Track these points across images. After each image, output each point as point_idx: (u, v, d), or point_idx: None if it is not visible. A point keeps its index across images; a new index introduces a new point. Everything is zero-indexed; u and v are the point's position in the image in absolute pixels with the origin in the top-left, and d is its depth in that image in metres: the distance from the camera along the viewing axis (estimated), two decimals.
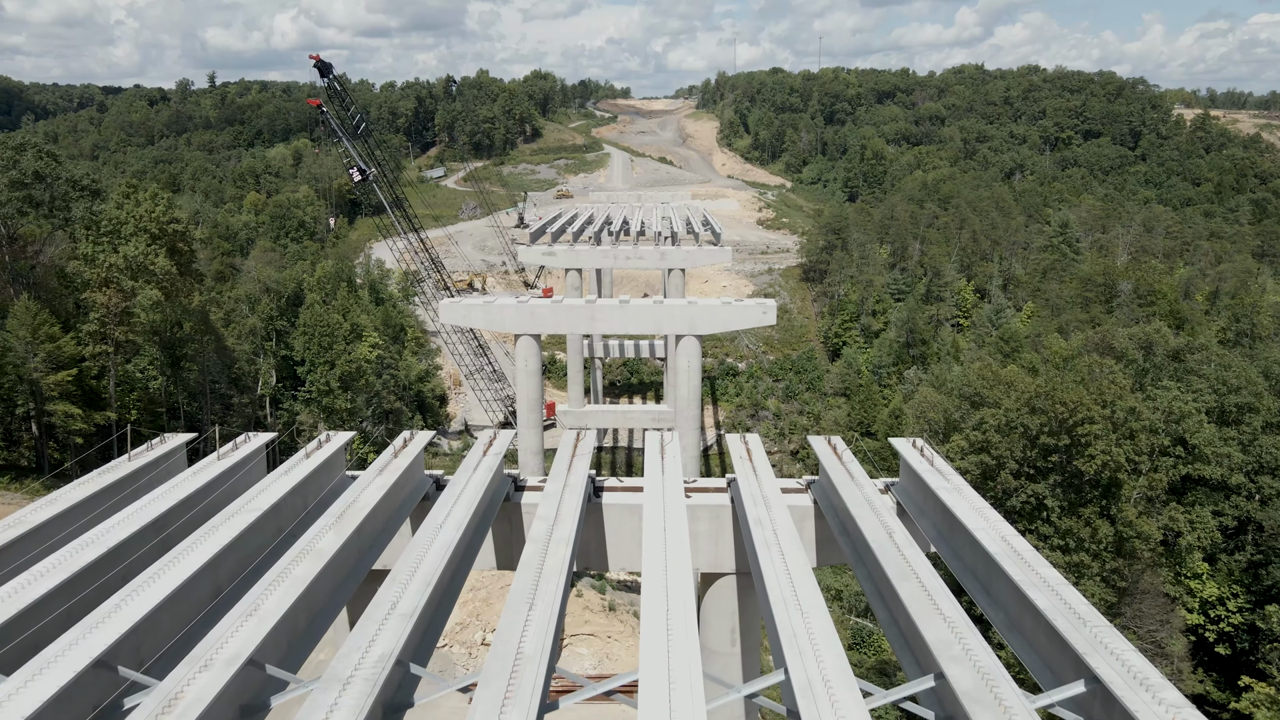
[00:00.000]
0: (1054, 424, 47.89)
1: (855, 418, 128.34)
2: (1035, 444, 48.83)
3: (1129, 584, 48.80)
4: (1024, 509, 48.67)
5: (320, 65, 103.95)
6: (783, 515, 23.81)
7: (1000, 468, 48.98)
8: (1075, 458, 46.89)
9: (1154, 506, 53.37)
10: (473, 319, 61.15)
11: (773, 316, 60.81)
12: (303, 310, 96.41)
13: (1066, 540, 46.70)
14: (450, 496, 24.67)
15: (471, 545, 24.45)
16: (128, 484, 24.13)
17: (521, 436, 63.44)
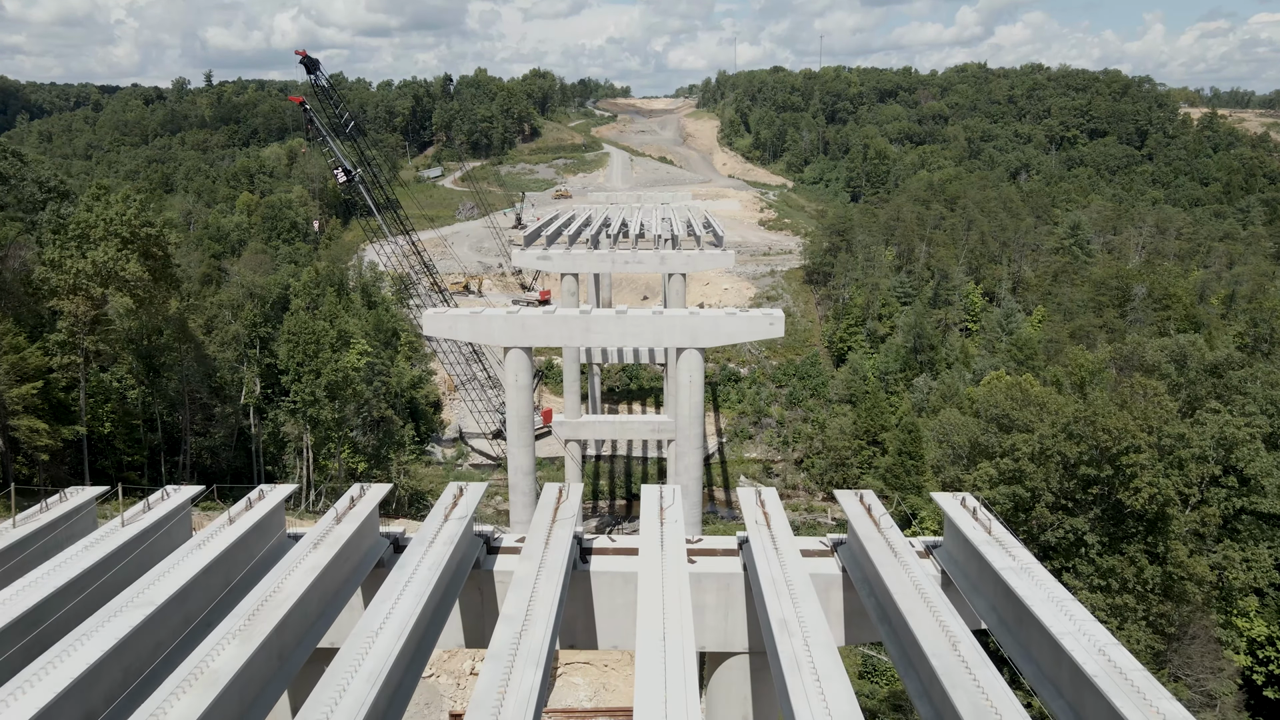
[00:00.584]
0: (1095, 453, 43.78)
1: (861, 426, 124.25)
2: (1074, 474, 44.73)
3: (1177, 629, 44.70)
4: (1060, 544, 44.48)
5: (306, 61, 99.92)
6: (804, 586, 19.85)
7: (1035, 500, 44.82)
8: (1119, 490, 42.80)
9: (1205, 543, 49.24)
10: (459, 331, 57.08)
11: (781, 328, 56.75)
12: (287, 317, 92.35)
13: (1108, 580, 42.57)
14: (409, 563, 20.71)
15: (434, 621, 20.48)
16: (8, 557, 20.04)
17: (511, 455, 59.39)
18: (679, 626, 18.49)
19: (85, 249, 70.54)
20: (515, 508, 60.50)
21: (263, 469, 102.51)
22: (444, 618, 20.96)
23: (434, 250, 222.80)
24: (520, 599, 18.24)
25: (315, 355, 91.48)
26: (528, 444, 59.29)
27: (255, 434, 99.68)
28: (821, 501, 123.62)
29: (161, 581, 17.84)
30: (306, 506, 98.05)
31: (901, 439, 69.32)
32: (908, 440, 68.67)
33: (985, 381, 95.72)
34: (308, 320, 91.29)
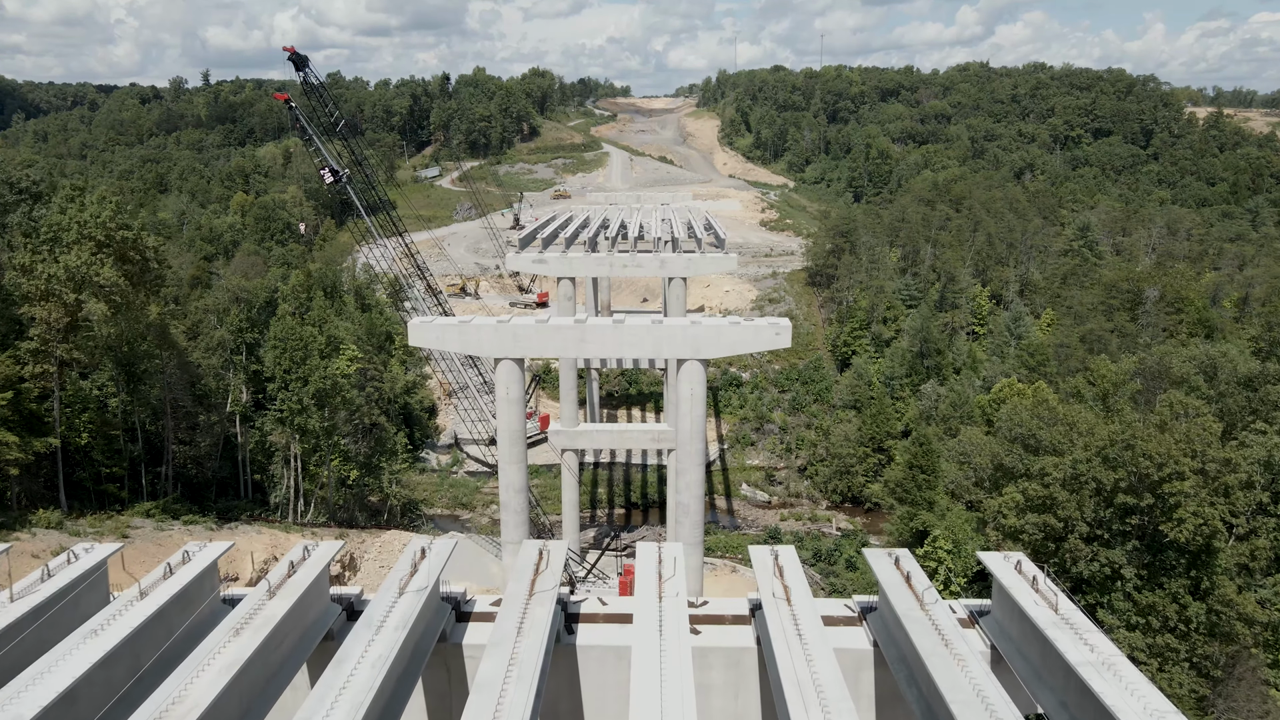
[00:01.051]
0: (1134, 480, 40.42)
1: (866, 433, 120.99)
2: (1110, 502, 41.40)
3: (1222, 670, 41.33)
4: (1094, 578, 41.12)
5: (295, 58, 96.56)
6: (828, 665, 16.65)
7: (1069, 531, 41.47)
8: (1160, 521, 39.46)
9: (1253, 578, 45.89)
10: (446, 341, 53.78)
11: (787, 338, 53.44)
12: (273, 322, 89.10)
13: (1147, 618, 39.25)
14: (364, 634, 17.53)
15: (392, 704, 17.30)
16: None
17: (503, 472, 56.11)
18: (681, 712, 15.29)
19: (58, 253, 67.30)
20: (507, 527, 57.23)
21: (250, 478, 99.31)
22: (404, 699, 17.76)
23: (430, 252, 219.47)
24: (499, 659, 15.00)
25: (303, 362, 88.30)
26: (520, 460, 56.00)
27: (242, 443, 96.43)
28: (826, 510, 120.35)
29: (43, 681, 14.48)
30: (295, 518, 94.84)
31: (912, 451, 66.15)
32: (919, 453, 65.50)
33: (996, 389, 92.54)
34: (295, 326, 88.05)
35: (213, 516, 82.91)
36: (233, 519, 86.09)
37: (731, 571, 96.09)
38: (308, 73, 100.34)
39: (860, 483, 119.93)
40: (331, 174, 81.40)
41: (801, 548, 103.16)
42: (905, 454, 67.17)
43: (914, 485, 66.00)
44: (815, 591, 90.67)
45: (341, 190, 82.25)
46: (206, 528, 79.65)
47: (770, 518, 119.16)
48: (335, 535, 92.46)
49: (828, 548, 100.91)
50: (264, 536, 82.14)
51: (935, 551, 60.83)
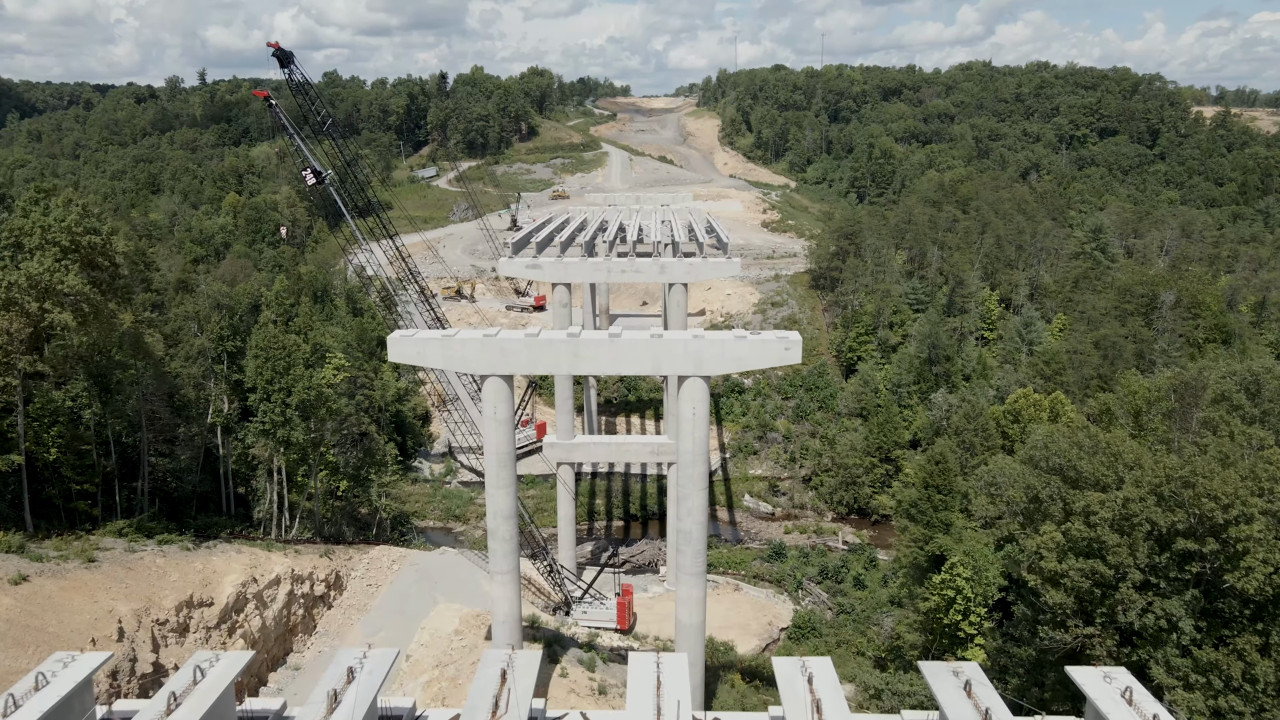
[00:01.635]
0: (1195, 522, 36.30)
1: (874, 442, 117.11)
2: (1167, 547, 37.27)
3: None
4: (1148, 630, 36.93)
5: (280, 54, 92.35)
6: None
7: (1121, 578, 37.31)
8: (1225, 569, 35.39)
9: None
10: (428, 356, 49.83)
11: (797, 353, 49.51)
12: (255, 330, 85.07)
13: (1208, 677, 35.25)
14: None
15: None
16: None
17: (491, 498, 52.15)
18: None
19: (19, 259, 63.33)
20: (495, 556, 53.26)
21: (232, 492, 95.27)
22: None
23: (425, 254, 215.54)
24: None
25: (286, 372, 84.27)
26: (508, 484, 52.01)
27: (224, 455, 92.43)
28: (831, 522, 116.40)
29: None
30: (280, 533, 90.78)
31: (928, 470, 62.24)
32: (935, 472, 61.60)
33: (1011, 400, 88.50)
34: (278, 334, 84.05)
35: (189, 535, 78.81)
36: (212, 536, 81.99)
37: (734, 590, 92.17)
38: (293, 70, 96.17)
39: (867, 494, 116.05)
40: (314, 175, 77.30)
41: (807, 563, 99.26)
42: (920, 472, 63.31)
43: (929, 506, 62.03)
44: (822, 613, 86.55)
45: (324, 192, 78.21)
46: (182, 547, 75.60)
47: (774, 530, 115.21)
48: (320, 552, 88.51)
49: (834, 564, 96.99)
50: (243, 556, 78.10)
51: (954, 580, 56.90)
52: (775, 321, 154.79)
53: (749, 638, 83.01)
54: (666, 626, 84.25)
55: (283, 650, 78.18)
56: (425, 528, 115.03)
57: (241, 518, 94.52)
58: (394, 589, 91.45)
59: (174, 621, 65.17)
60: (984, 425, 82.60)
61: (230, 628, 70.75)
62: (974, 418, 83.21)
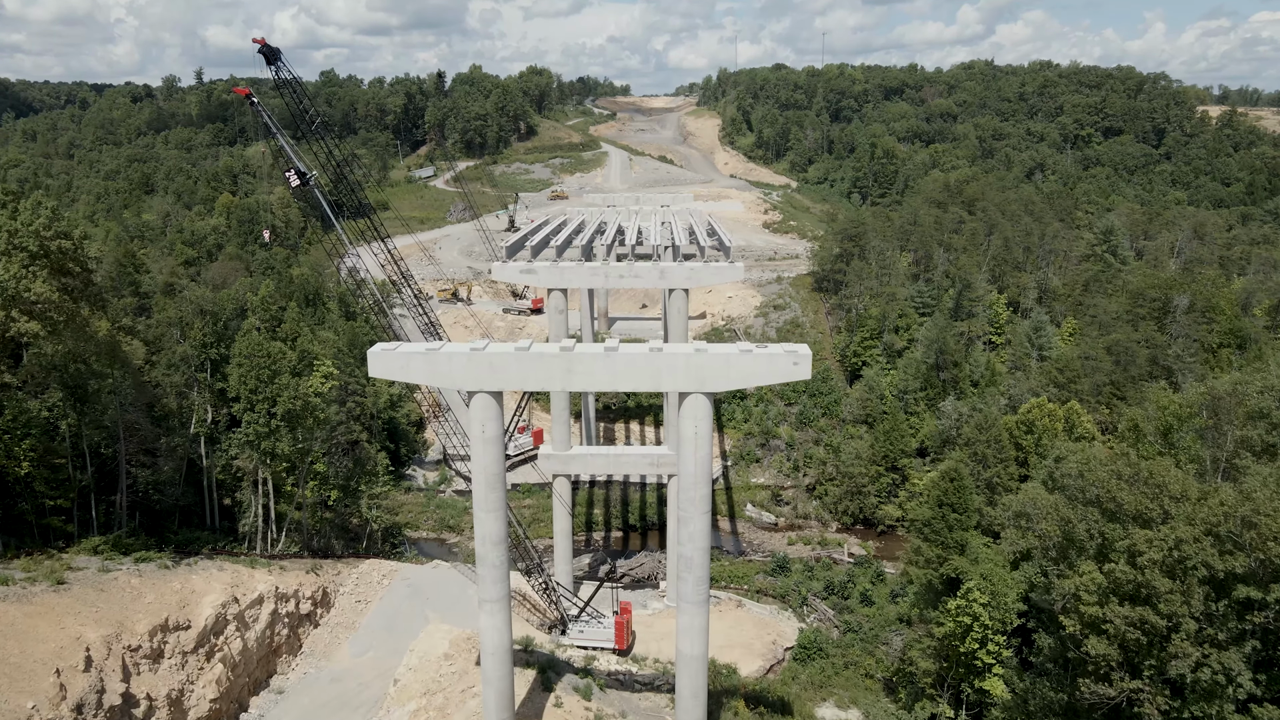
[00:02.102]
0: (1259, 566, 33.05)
1: (879, 450, 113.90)
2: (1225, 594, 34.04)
3: None
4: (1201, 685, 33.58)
5: (266, 51, 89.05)
6: None
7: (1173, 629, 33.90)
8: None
9: None
10: (411, 372, 46.56)
11: (807, 369, 46.30)
12: (239, 337, 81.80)
13: None
14: None
15: None
16: None
17: (479, 521, 48.87)
18: None
19: None
20: (484, 583, 50.00)
21: (217, 504, 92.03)
22: None
23: (422, 255, 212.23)
24: None
25: (271, 381, 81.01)
26: (498, 508, 48.74)
27: (207, 466, 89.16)
28: (836, 533, 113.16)
29: None
30: (266, 547, 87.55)
31: (941, 487, 58.98)
32: (950, 489, 58.35)
33: (1024, 410, 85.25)
34: (262, 341, 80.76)
35: (168, 552, 75.55)
36: (193, 553, 78.76)
37: (736, 607, 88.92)
38: (280, 66, 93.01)
39: (873, 504, 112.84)
40: (298, 176, 74.00)
41: (811, 577, 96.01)
42: (934, 489, 60.05)
43: (944, 525, 58.78)
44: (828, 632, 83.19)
45: (310, 194, 74.94)
46: (161, 565, 72.34)
47: (777, 541, 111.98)
48: (307, 568, 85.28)
49: (840, 579, 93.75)
50: (225, 574, 74.86)
51: (970, 606, 53.63)
52: (778, 325, 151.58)
53: (752, 658, 79.78)
54: (667, 646, 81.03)
55: (265, 672, 74.93)
56: (418, 539, 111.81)
57: (226, 531, 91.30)
58: (384, 606, 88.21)
59: (147, 647, 61.88)
60: (997, 436, 79.38)
61: (209, 652, 67.47)
62: (986, 428, 79.99)
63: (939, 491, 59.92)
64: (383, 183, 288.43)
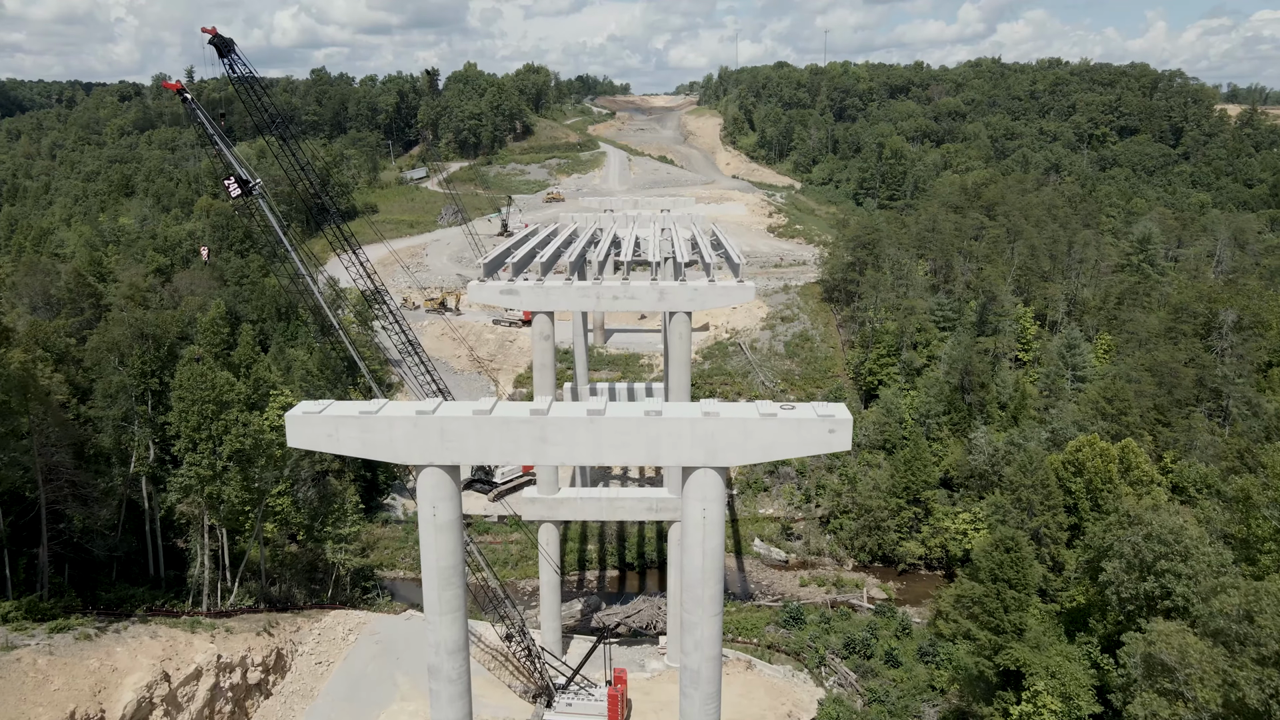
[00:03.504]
0: None
1: (900, 482, 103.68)
2: None
3: None
4: None
5: (217, 41, 79.05)
6: None
7: None
8: None
9: None
10: (342, 440, 36.56)
11: (846, 438, 36.33)
12: (180, 367, 71.80)
13: None
14: None
15: None
16: None
17: (431, 628, 38.93)
18: None
19: None
20: (439, 702, 39.97)
21: (162, 550, 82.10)
22: None
23: (410, 261, 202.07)
24: None
25: (216, 416, 71.06)
26: (455, 609, 38.76)
27: (149, 510, 79.21)
28: (853, 571, 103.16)
29: None
30: (217, 601, 77.46)
31: (996, 559, 49.20)
32: (1006, 562, 48.60)
33: (1072, 448, 75.22)
34: (206, 371, 70.73)
35: (93, 616, 65.65)
36: (125, 615, 68.84)
37: (746, 669, 78.85)
38: (234, 60, 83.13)
39: (893, 540, 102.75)
40: (238, 184, 64.20)
41: (828, 630, 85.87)
42: (986, 560, 50.16)
43: (998, 605, 48.99)
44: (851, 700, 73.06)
45: (253, 205, 65.03)
46: (81, 635, 62.45)
47: (788, 581, 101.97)
48: (259, 626, 75.36)
49: (860, 634, 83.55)
50: (158, 643, 64.96)
51: (1039, 711, 43.85)
52: (786, 339, 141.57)
53: None
54: (668, 718, 71.23)
55: None
56: (394, 579, 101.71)
57: (173, 581, 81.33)
58: (348, 667, 78.23)
59: None
60: (1044, 480, 69.34)
61: None
62: (1031, 470, 69.91)
63: (992, 564, 49.99)
64: (373, 184, 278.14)
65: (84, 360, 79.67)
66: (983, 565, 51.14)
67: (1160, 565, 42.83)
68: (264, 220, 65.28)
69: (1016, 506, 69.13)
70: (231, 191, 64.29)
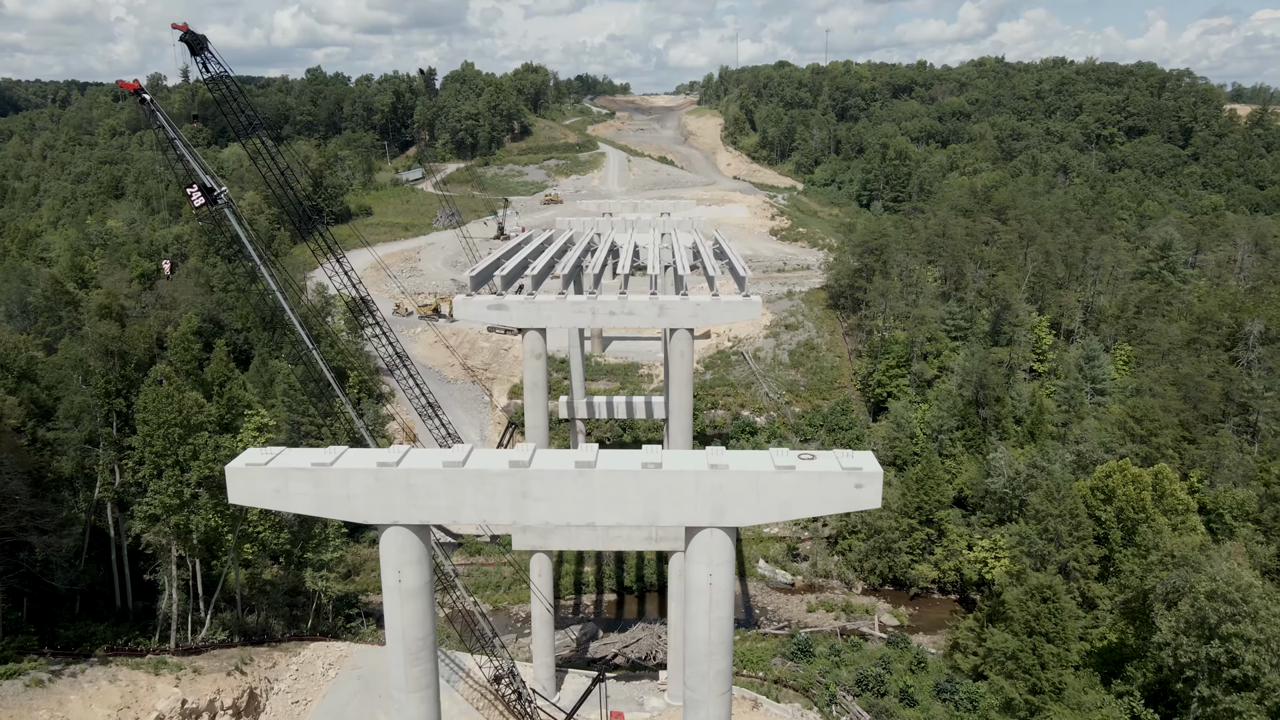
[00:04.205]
0: None
1: (912, 501, 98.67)
2: None
3: None
4: None
5: (189, 38, 74.58)
6: None
7: None
8: None
9: None
10: (291, 498, 31.68)
11: (876, 495, 31.44)
12: (143, 388, 66.91)
13: None
14: None
15: None
16: None
17: (398, 708, 33.97)
18: None
19: None
20: None
21: (129, 581, 77.21)
22: None
23: (404, 266, 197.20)
24: None
25: (184, 441, 66.17)
26: (424, 688, 33.82)
27: (116, 537, 74.35)
28: (863, 595, 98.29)
29: None
30: (181, 640, 72.53)
31: (1032, 610, 44.40)
32: (1044, 613, 43.79)
33: (1101, 474, 70.34)
34: (172, 393, 65.82)
35: (47, 658, 60.79)
36: (84, 655, 63.97)
37: (753, 707, 73.92)
38: (208, 58, 78.39)
39: (905, 562, 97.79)
40: (202, 193, 59.39)
41: (839, 663, 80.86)
42: (1020, 609, 45.43)
43: (1035, 661, 44.16)
44: None
45: (218, 215, 60.22)
46: (32, 681, 57.62)
47: (795, 607, 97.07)
48: (231, 664, 70.45)
49: (873, 668, 78.56)
50: (116, 688, 60.10)
51: None
52: (790, 347, 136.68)
53: None
54: None
55: None
56: (379, 604, 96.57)
57: (143, 613, 76.39)
58: (327, 706, 73.34)
59: None
60: (1072, 509, 64.39)
61: None
62: (1058, 499, 64.94)
63: (1027, 614, 45.11)
64: (368, 186, 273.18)
65: (44, 379, 74.66)
66: (1016, 615, 46.26)
67: (1225, 629, 38.13)
68: (232, 232, 60.42)
69: (1043, 537, 64.14)
70: (194, 201, 59.46)
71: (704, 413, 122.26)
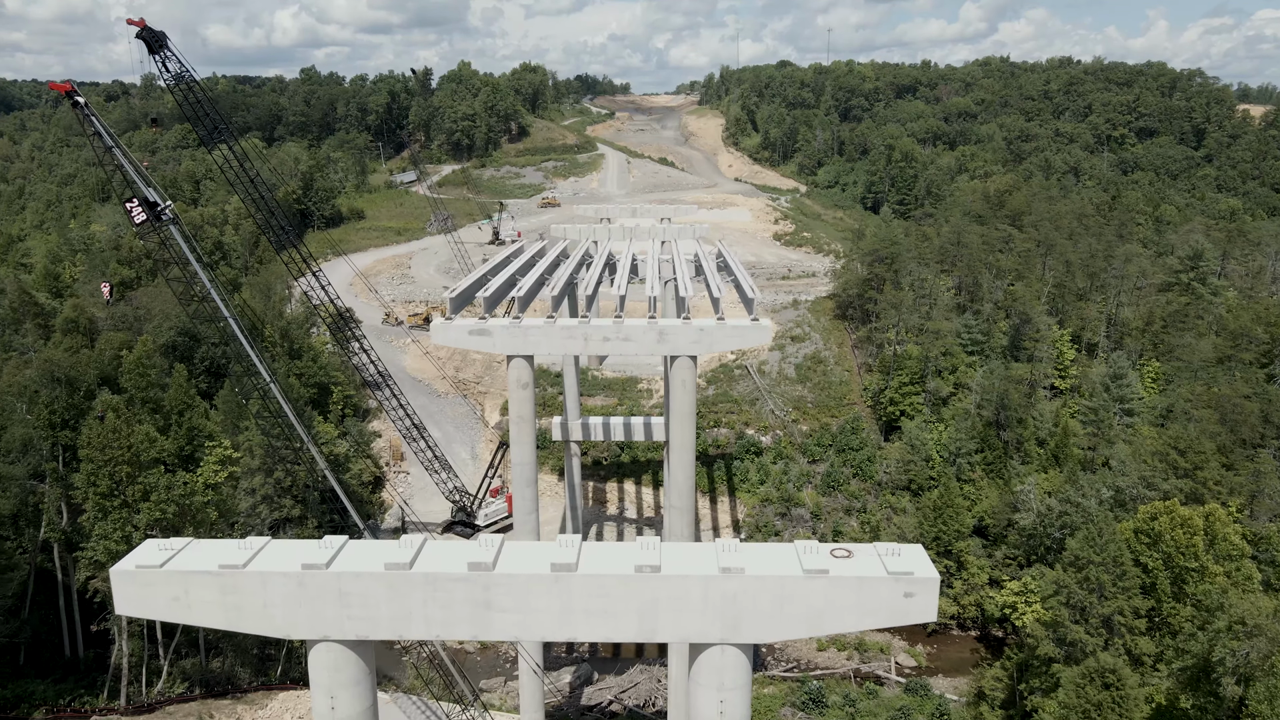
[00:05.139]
0: None
1: (929, 531, 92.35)
2: None
3: None
4: None
5: (146, 35, 68.74)
6: None
7: None
8: None
9: None
10: (195, 605, 25.26)
11: (931, 605, 25.00)
12: (86, 422, 60.54)
13: None
14: None
15: None
16: None
17: None
18: None
19: None
20: None
21: (79, 628, 70.78)
22: None
23: (395, 272, 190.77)
24: None
25: (132, 480, 59.77)
26: None
27: (64, 581, 67.97)
28: (876, 632, 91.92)
29: None
30: (133, 694, 66.13)
31: (1091, 697, 37.94)
32: (1106, 703, 37.25)
33: (1145, 514, 63.89)
34: (119, 427, 59.40)
35: None
36: (23, 718, 57.51)
37: None
38: (166, 57, 72.45)
39: None
40: (145, 208, 53.06)
41: (853, 714, 74.59)
42: (1077, 694, 38.93)
43: None
44: None
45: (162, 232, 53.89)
46: None
47: (804, 645, 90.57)
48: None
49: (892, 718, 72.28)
50: None
51: None
52: (796, 360, 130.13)
53: None
54: None
55: None
56: None
57: (95, 662, 70.04)
58: None
59: None
60: (1117, 556, 57.93)
61: None
62: (1100, 544, 58.47)
63: (1086, 703, 38.65)
64: (360, 188, 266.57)
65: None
66: (1073, 704, 39.88)
67: None
68: (177, 252, 54.06)
69: (1083, 587, 57.68)
70: (135, 218, 53.13)
71: (706, 431, 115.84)
